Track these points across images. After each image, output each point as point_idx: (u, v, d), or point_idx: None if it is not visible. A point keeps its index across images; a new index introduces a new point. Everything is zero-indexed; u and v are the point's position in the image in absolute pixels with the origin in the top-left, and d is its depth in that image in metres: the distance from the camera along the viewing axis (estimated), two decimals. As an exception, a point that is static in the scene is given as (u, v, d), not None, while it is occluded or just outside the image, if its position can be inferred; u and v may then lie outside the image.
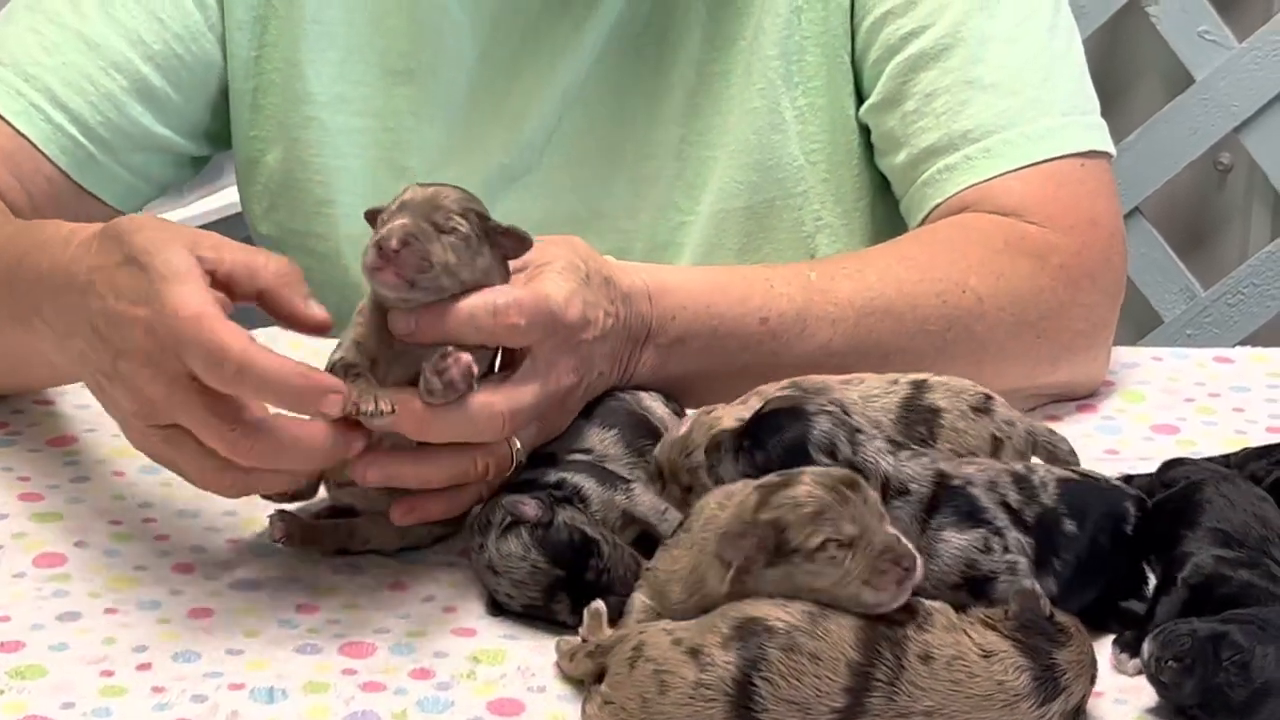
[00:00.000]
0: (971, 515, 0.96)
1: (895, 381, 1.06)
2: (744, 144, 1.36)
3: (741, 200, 1.37)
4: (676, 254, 1.38)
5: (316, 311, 1.01)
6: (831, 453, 0.96)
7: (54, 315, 1.04)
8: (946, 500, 0.96)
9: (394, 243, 0.95)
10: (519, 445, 1.03)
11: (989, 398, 1.06)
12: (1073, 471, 1.01)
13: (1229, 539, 0.97)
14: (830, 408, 0.98)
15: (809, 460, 0.95)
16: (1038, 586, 0.91)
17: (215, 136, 1.41)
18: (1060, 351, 1.26)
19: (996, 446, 1.05)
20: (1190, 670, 0.89)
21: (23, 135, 1.30)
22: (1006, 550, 0.95)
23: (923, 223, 1.31)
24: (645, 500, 1.03)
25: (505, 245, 1.00)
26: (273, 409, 0.97)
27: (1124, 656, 0.96)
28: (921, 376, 1.07)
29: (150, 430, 0.99)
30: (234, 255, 1.00)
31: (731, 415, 1.03)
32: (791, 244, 1.38)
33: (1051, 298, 1.24)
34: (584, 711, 0.90)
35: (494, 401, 1.00)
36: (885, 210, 1.40)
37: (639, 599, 0.95)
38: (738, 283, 1.19)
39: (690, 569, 0.93)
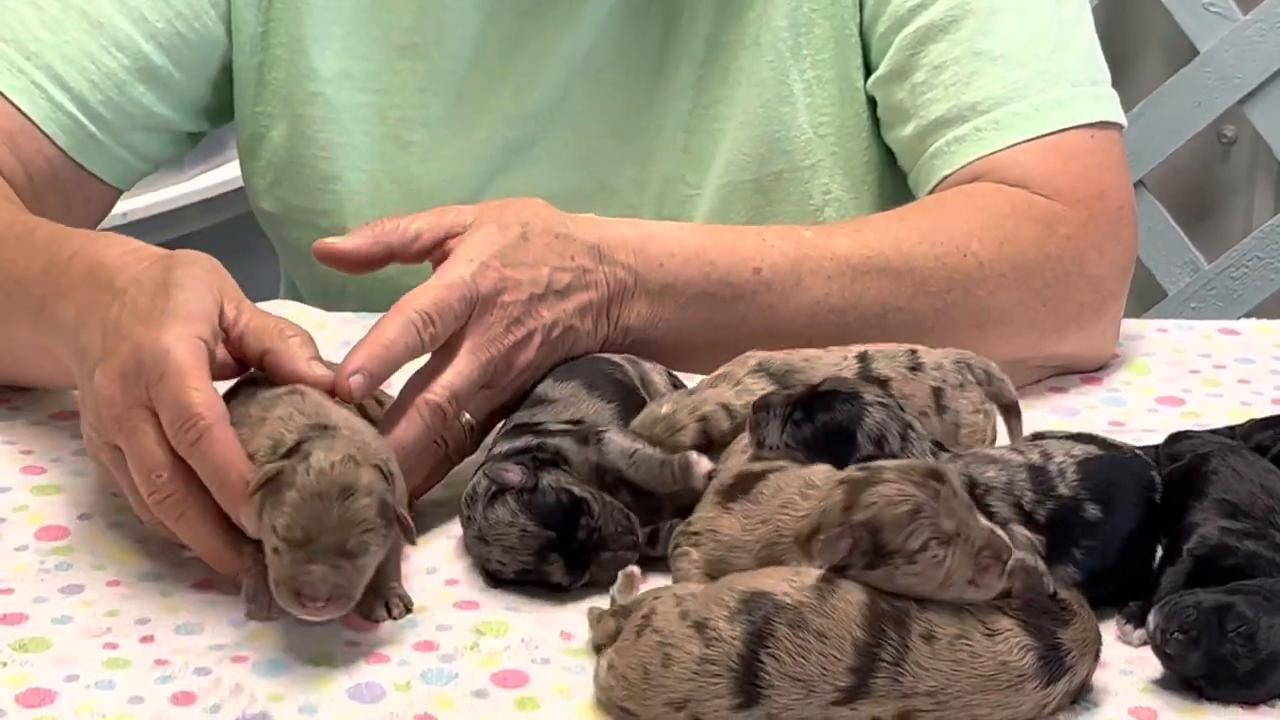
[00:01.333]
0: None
1: (845, 357, 1.07)
2: (752, 116, 1.36)
3: (749, 173, 1.37)
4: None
5: (319, 371, 1.01)
6: (879, 444, 0.96)
7: (81, 306, 1.04)
8: None
9: (320, 604, 0.92)
10: (468, 418, 1.06)
11: (914, 352, 1.07)
12: (1094, 445, 0.99)
13: (1235, 510, 0.96)
14: (887, 400, 0.98)
15: (854, 445, 0.95)
16: (1041, 564, 0.90)
17: (215, 113, 1.41)
18: (1067, 322, 1.25)
19: (938, 397, 1.05)
20: (1196, 641, 0.89)
21: (23, 114, 1.30)
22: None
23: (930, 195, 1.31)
24: (614, 445, 1.02)
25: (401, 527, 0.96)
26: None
27: (1129, 628, 0.95)
28: (861, 348, 1.07)
29: (102, 443, 0.99)
30: (250, 318, 1.02)
31: (714, 400, 1.03)
32: (799, 217, 1.38)
33: (1057, 267, 1.24)
34: (596, 672, 0.90)
35: (431, 397, 1.04)
36: (894, 184, 1.40)
37: (689, 558, 0.94)
38: (728, 234, 1.19)
39: (764, 544, 0.92)
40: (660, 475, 1.01)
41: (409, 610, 0.97)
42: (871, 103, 1.37)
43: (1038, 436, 1.02)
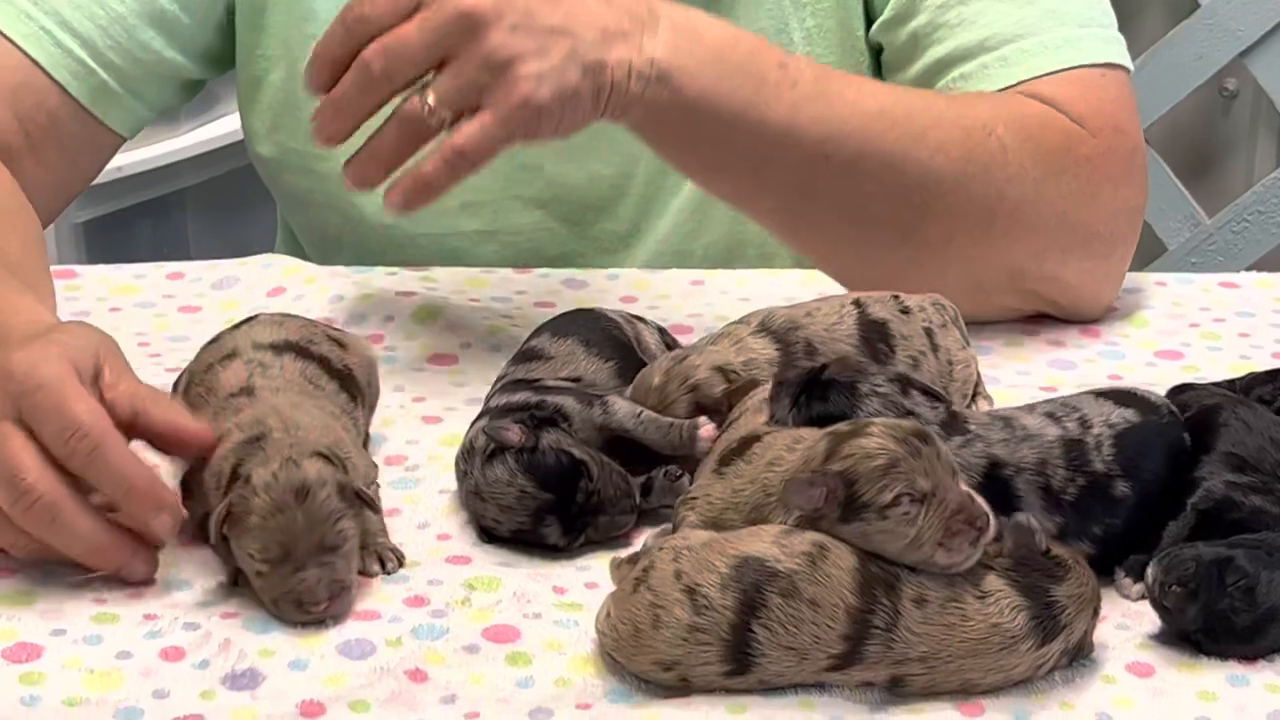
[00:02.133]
0: (1001, 508, 0.91)
1: (843, 305, 1.06)
2: None
3: None
4: (680, 177, 1.37)
5: (198, 424, 0.97)
6: None
7: None
8: (986, 490, 0.91)
9: (324, 605, 0.91)
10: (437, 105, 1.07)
11: (897, 297, 1.08)
12: (1132, 409, 0.97)
13: (1243, 464, 0.95)
14: (884, 389, 0.95)
15: None
16: (1034, 521, 0.89)
17: (219, 59, 1.40)
18: (1075, 245, 1.23)
19: (930, 337, 1.06)
20: (1194, 595, 0.88)
21: (33, 60, 1.28)
22: None
23: None
24: (621, 408, 1.01)
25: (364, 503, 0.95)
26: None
27: (1127, 581, 0.94)
28: (854, 296, 1.08)
29: None
30: (126, 385, 0.97)
31: (707, 364, 1.02)
32: None
33: (1074, 184, 1.22)
34: (597, 614, 0.89)
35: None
36: None
37: (688, 522, 0.94)
38: (755, 34, 1.19)
39: (752, 506, 0.91)
40: (668, 437, 1.00)
41: (401, 564, 0.97)
42: (873, 53, 1.36)
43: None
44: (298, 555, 0.91)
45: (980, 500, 0.87)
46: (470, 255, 1.39)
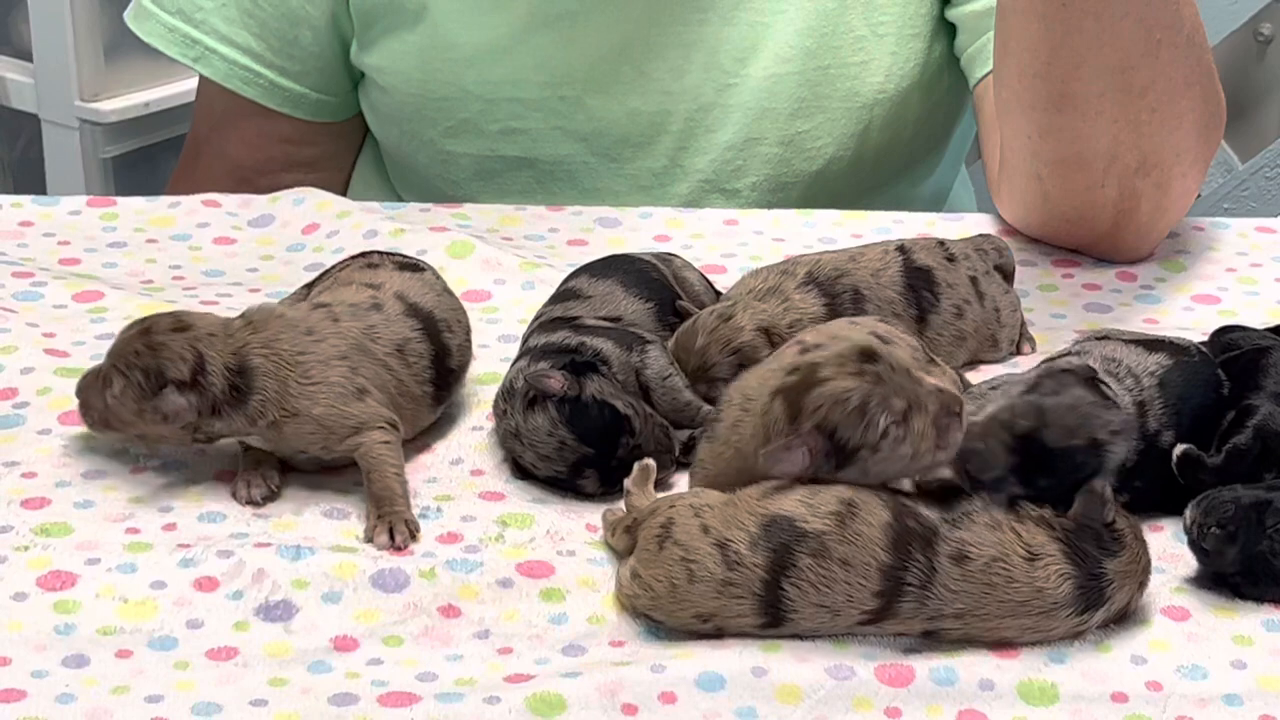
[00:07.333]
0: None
1: (886, 251, 1.06)
2: (801, 9, 1.36)
3: (794, 65, 1.36)
4: (723, 115, 1.38)
5: None
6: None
7: None
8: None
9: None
10: None
11: (942, 243, 1.08)
12: (1163, 352, 0.97)
13: None
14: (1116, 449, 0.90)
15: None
16: (1108, 489, 0.87)
17: None
18: (1199, 161, 1.23)
19: (975, 285, 1.07)
20: (1233, 537, 0.87)
21: (244, 97, 1.42)
22: None
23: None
24: (656, 363, 1.01)
25: None
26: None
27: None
28: (897, 241, 1.07)
29: None
30: None
31: (751, 325, 1.01)
32: (846, 114, 1.38)
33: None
34: (619, 578, 0.89)
35: None
36: (952, 82, 1.41)
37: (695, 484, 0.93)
38: None
39: (736, 471, 0.90)
40: (680, 413, 1.00)
41: (415, 538, 0.93)
42: (939, 1, 1.37)
43: (1103, 337, 0.99)
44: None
45: (941, 380, 0.86)
46: (504, 179, 1.40)
